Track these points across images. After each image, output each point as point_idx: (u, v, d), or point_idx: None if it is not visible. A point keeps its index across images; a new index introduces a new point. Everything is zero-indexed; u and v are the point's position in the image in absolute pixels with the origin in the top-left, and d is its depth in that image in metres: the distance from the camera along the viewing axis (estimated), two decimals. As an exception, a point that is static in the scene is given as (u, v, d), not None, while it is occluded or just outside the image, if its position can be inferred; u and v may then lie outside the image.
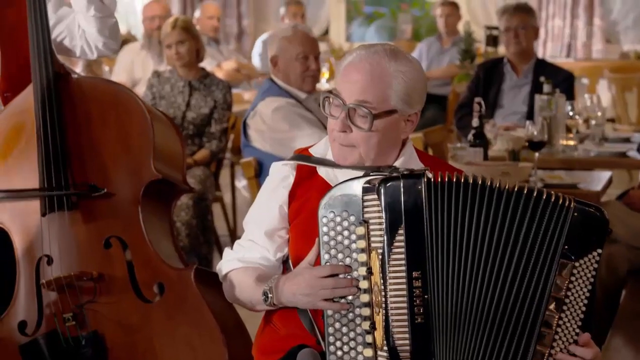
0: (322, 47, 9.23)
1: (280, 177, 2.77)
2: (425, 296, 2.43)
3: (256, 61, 9.36)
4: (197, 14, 9.23)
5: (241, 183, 8.21)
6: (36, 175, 3.32)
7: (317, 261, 2.54)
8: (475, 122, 4.96)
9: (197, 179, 5.88)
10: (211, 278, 3.09)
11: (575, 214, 2.47)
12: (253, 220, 2.79)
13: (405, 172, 2.49)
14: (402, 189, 2.45)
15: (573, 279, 2.47)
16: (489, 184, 2.46)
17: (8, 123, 3.42)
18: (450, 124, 7.95)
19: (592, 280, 2.49)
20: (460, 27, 9.38)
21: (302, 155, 2.78)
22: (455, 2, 9.60)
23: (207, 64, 6.32)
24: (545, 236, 2.46)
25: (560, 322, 2.48)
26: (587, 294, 2.48)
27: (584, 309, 2.48)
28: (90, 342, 3.25)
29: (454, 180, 2.45)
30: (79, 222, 3.30)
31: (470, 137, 4.97)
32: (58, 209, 3.29)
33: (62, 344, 3.27)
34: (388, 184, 2.46)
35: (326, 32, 11.65)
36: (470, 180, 2.46)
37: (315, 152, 2.78)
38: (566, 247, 2.46)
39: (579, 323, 2.48)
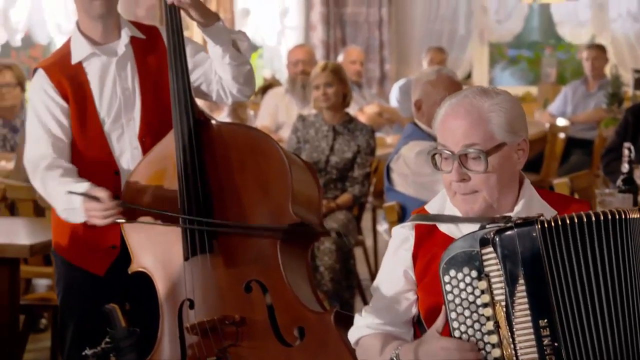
0: (465, 91, 9.12)
1: (401, 240, 2.74)
2: (555, 344, 2.39)
3: (394, 105, 9.35)
4: (340, 58, 9.27)
5: (383, 227, 8.16)
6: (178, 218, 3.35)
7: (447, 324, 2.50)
8: (624, 167, 4.83)
9: (339, 223, 5.86)
10: (352, 322, 3.04)
11: None
12: (380, 286, 2.77)
13: (518, 221, 2.45)
14: (517, 239, 2.42)
15: None
16: (608, 217, 2.41)
17: (150, 169, 3.47)
18: (596, 169, 7.75)
19: None
20: (607, 70, 9.17)
21: (420, 215, 2.74)
22: (602, 45, 9.40)
23: (349, 108, 6.31)
24: None
25: None
26: None
27: None
28: (234, 385, 3.25)
29: (569, 221, 2.41)
30: (220, 266, 3.31)
31: (619, 182, 4.85)
32: (200, 253, 3.31)
33: (207, 386, 3.27)
34: (503, 235, 2.43)
35: (469, 76, 11.56)
36: (593, 218, 2.41)
37: (431, 209, 2.74)
38: None
39: None
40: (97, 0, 3.51)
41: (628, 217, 2.42)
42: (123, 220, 3.36)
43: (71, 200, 3.36)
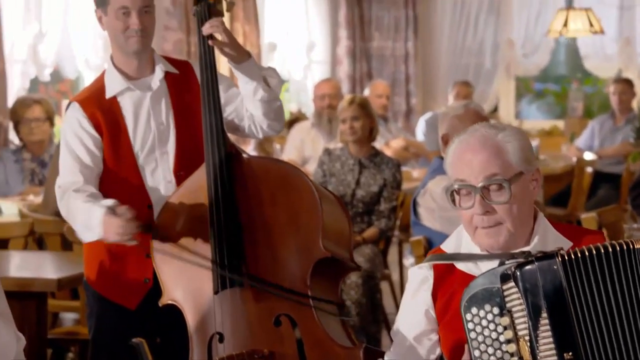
0: (492, 124, 9.11)
1: (420, 280, 2.73)
2: None
3: (420, 139, 9.36)
4: (366, 92, 9.30)
5: (409, 261, 8.15)
6: (209, 252, 3.36)
7: None
8: (652, 201, 4.81)
9: (366, 257, 5.86)
10: (380, 357, 3.05)
11: None
12: (400, 329, 2.76)
13: (538, 255, 2.45)
14: (538, 273, 2.42)
15: None
16: (624, 247, 2.42)
17: (182, 202, 3.50)
18: (624, 203, 7.72)
19: None
20: (634, 104, 9.15)
21: (437, 255, 2.74)
22: (629, 79, 9.39)
23: (376, 142, 6.33)
24: None
25: None
26: None
27: None
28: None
29: (588, 253, 2.41)
30: (249, 300, 3.32)
31: (647, 217, 4.82)
32: (230, 287, 3.32)
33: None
34: (524, 269, 2.43)
35: (495, 110, 11.56)
36: (610, 249, 2.41)
37: (448, 248, 2.74)
38: None
39: None
40: (132, 38, 3.56)
41: None
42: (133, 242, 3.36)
43: (91, 216, 3.37)
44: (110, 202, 3.38)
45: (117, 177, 3.59)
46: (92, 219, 3.37)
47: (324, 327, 3.26)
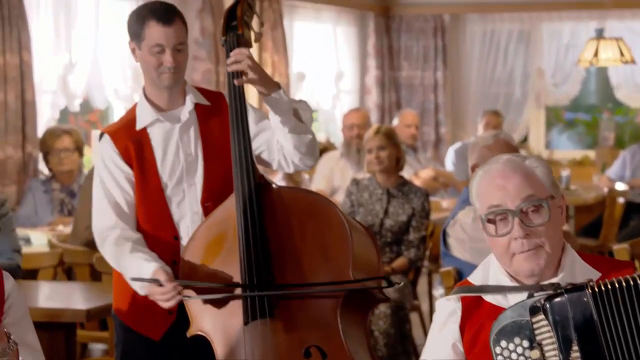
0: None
1: (447, 313, 2.70)
2: None
3: (449, 168, 9.35)
4: (395, 121, 9.31)
5: (439, 292, 8.12)
6: (238, 282, 3.37)
7: None
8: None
9: (395, 288, 5.84)
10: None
11: None
12: None
13: (568, 287, 2.44)
14: (568, 304, 2.41)
15: None
16: None
17: (210, 232, 3.51)
18: (657, 233, 7.66)
19: None
20: (666, 133, 9.11)
21: (465, 287, 2.72)
22: (660, 109, 9.35)
23: (404, 172, 6.33)
24: None
25: None
26: None
27: None
28: None
29: (618, 285, 2.40)
30: (279, 331, 3.32)
31: (680, 248, 4.78)
32: (260, 318, 3.32)
33: None
34: (554, 302, 2.42)
35: (525, 139, 11.53)
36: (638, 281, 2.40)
37: (475, 280, 2.72)
38: None
39: None
40: (165, 74, 3.59)
41: None
42: (186, 297, 3.41)
43: (141, 273, 3.45)
44: (152, 267, 3.45)
45: (144, 208, 3.61)
46: (141, 276, 3.45)
47: (353, 358, 3.26)
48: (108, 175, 3.62)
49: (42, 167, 6.93)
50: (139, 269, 3.46)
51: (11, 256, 5.06)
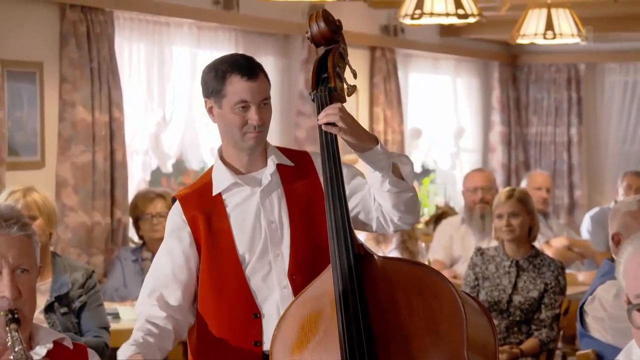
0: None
1: None
2: None
3: (585, 237, 9.24)
4: (523, 184, 9.26)
5: (574, 378, 8.01)
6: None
7: None
8: None
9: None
10: None
11: None
12: None
13: None
14: None
15: None
16: None
17: (304, 310, 3.48)
18: None
19: None
20: None
21: None
22: None
23: (535, 241, 6.29)
24: None
25: None
26: None
27: None
28: None
29: None
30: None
31: None
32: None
33: None
34: None
35: (673, 204, 11.35)
36: None
37: None
38: None
39: None
40: (250, 134, 3.60)
41: None
42: None
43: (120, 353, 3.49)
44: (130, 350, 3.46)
45: (216, 286, 3.61)
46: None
47: None
48: (165, 244, 3.65)
49: (132, 235, 7.03)
50: (122, 349, 3.48)
51: (98, 333, 5.16)
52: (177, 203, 3.66)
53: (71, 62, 6.65)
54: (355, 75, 3.63)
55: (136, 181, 7.30)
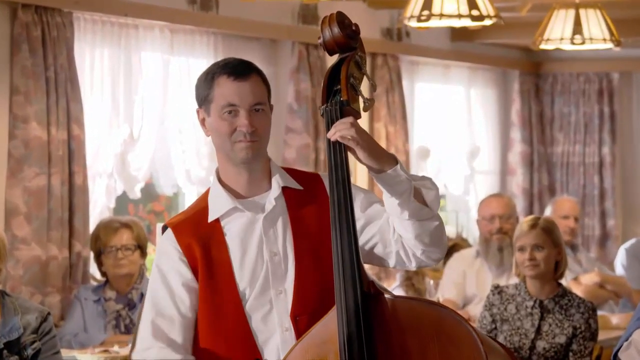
0: None
1: None
2: None
3: (620, 273, 9.25)
4: (548, 211, 9.28)
5: None
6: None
7: None
8: None
9: None
10: None
11: None
12: None
13: None
14: None
15: None
16: None
17: (307, 357, 3.50)
18: None
19: None
20: None
21: None
22: None
23: (562, 278, 6.28)
24: None
25: None
26: None
27: None
28: None
29: None
30: None
31: None
32: None
33: None
34: None
35: None
36: None
37: None
38: None
39: None
40: (241, 143, 3.60)
41: None
42: None
43: None
44: None
45: (214, 325, 3.63)
46: None
47: None
48: (159, 279, 3.64)
49: (94, 271, 7.02)
50: None
51: (53, 386, 5.14)
52: (169, 231, 3.67)
53: (23, 70, 6.64)
54: (374, 88, 3.64)
55: (99, 208, 7.29)
